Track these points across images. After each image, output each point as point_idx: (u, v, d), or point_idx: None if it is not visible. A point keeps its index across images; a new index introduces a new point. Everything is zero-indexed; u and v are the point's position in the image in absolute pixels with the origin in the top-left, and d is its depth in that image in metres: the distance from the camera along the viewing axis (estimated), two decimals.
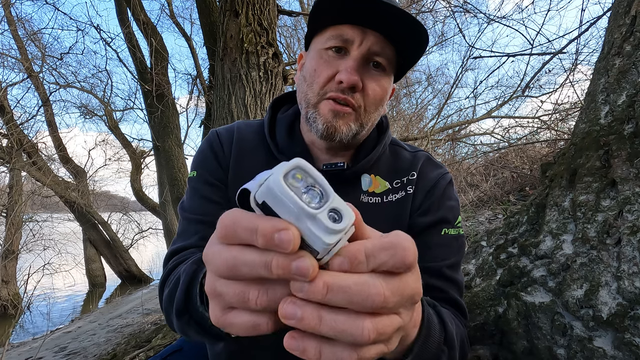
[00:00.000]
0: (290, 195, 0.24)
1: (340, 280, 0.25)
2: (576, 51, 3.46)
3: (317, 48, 0.63)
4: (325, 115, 0.60)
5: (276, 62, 2.68)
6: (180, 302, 0.49)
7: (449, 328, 0.47)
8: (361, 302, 0.25)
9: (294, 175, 0.25)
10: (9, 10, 6.41)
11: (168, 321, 0.56)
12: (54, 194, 7.40)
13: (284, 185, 0.24)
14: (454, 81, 7.74)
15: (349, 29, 0.59)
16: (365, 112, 0.62)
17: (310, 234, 0.24)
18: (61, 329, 4.64)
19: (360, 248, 0.26)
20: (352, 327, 0.25)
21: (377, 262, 0.26)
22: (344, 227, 0.25)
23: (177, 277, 0.53)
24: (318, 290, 0.24)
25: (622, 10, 1.22)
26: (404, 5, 5.71)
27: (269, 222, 0.24)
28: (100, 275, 8.14)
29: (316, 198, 0.25)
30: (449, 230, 0.68)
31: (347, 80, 0.58)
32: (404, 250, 0.26)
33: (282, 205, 0.24)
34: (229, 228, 0.26)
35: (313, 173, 0.26)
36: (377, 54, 0.60)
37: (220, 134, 0.72)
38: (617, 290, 0.78)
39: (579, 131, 1.21)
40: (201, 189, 0.68)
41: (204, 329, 0.47)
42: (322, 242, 0.24)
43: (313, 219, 0.24)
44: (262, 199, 0.25)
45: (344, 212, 0.26)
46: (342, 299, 0.25)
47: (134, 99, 8.14)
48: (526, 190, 3.13)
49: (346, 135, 0.61)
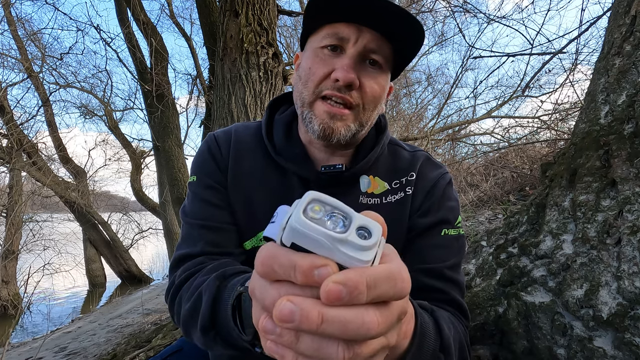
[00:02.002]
0: (316, 229, 0.24)
1: (337, 311, 0.24)
2: (576, 51, 3.46)
3: (312, 47, 0.63)
4: (320, 116, 0.60)
5: (276, 62, 2.68)
6: (206, 319, 0.50)
7: (445, 334, 0.47)
8: (354, 333, 0.24)
9: (312, 209, 0.26)
10: (9, 10, 6.41)
11: (186, 334, 0.57)
12: (54, 194, 7.41)
13: (308, 222, 0.24)
14: (454, 81, 7.75)
15: (344, 27, 0.59)
16: (364, 111, 0.62)
17: (347, 258, 0.24)
18: (61, 329, 4.64)
19: (361, 279, 0.24)
20: (327, 347, 0.25)
21: (377, 293, 0.25)
22: (376, 241, 0.25)
23: (198, 293, 0.54)
24: (312, 320, 0.23)
25: (622, 10, 1.22)
26: (403, 4, 5.72)
27: (307, 259, 0.24)
28: (100, 275, 8.14)
29: (340, 222, 0.26)
30: (449, 231, 0.68)
31: (344, 78, 0.57)
32: (403, 282, 0.26)
33: (312, 241, 0.24)
34: (267, 266, 0.26)
35: (329, 200, 0.26)
36: (374, 52, 0.59)
37: (218, 137, 0.72)
38: (617, 290, 0.78)
39: (579, 131, 1.21)
40: (202, 193, 0.68)
41: (231, 344, 0.49)
42: (361, 262, 0.25)
43: (345, 243, 0.24)
44: (290, 241, 0.25)
45: (370, 226, 0.26)
46: (336, 329, 0.24)
47: (134, 99, 8.15)
48: (526, 190, 3.13)
49: (344, 136, 0.61)
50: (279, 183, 0.69)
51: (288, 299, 0.24)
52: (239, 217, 0.69)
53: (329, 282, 0.23)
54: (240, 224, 0.69)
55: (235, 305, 0.46)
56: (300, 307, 0.23)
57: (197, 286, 0.56)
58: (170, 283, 0.63)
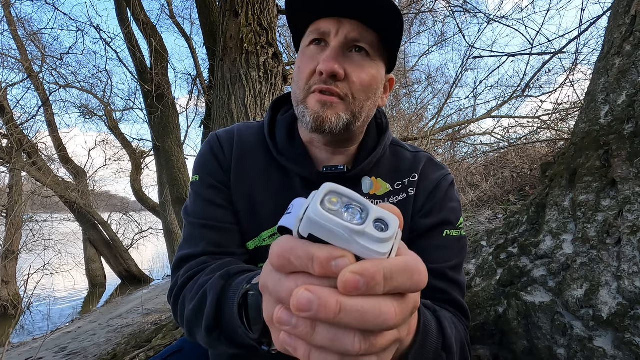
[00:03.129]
0: (334, 220, 0.24)
1: (355, 300, 0.24)
2: (576, 51, 3.46)
3: (301, 48, 0.65)
4: (312, 107, 0.60)
5: (276, 62, 2.68)
6: (210, 319, 0.50)
7: (447, 333, 0.47)
8: (371, 323, 0.24)
9: (330, 200, 0.26)
10: (9, 10, 6.41)
11: (190, 334, 0.57)
12: (54, 194, 7.40)
13: (325, 213, 0.24)
14: (454, 81, 7.73)
15: (324, 21, 0.60)
16: (355, 100, 0.61)
17: (364, 250, 0.25)
18: (61, 329, 4.64)
19: (378, 269, 0.24)
20: (343, 338, 0.25)
21: (394, 285, 0.25)
22: (393, 232, 0.25)
23: (202, 293, 0.54)
24: (330, 309, 0.23)
25: (622, 10, 1.22)
26: (403, 5, 5.72)
27: (324, 250, 0.24)
28: (101, 275, 8.14)
29: (357, 214, 0.26)
30: (451, 232, 0.68)
31: (325, 69, 0.57)
32: (420, 275, 0.26)
33: (330, 233, 0.24)
34: (283, 257, 0.26)
35: (346, 192, 0.26)
36: (356, 40, 0.60)
37: (220, 137, 0.72)
38: (617, 290, 0.78)
39: (579, 131, 1.21)
40: (204, 193, 0.68)
41: (236, 343, 0.49)
42: (378, 254, 0.25)
43: (362, 235, 0.24)
44: (307, 232, 0.25)
45: (387, 218, 0.26)
46: (354, 319, 0.24)
47: (134, 99, 8.12)
48: (526, 190, 3.13)
49: (336, 125, 0.60)
50: (282, 183, 0.69)
51: (306, 288, 0.24)
52: (241, 217, 0.69)
53: (346, 272, 0.23)
54: (243, 223, 0.69)
55: (241, 304, 0.46)
56: (318, 296, 0.23)
57: (200, 286, 0.56)
58: (172, 283, 0.63)
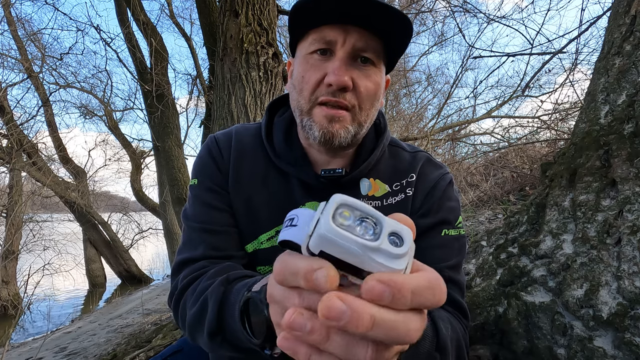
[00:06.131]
0: (348, 237, 0.23)
1: (388, 315, 0.23)
2: (576, 51, 3.46)
3: (302, 54, 0.63)
4: (320, 122, 0.59)
5: (276, 62, 2.68)
6: (213, 324, 0.51)
7: (442, 334, 0.47)
8: (395, 337, 0.24)
9: (342, 214, 0.24)
10: (9, 10, 6.41)
11: (192, 338, 0.58)
12: (54, 194, 7.40)
13: (338, 230, 0.23)
14: (454, 81, 7.73)
15: (330, 29, 0.58)
16: (361, 110, 0.61)
17: (380, 267, 0.23)
18: (61, 329, 4.64)
19: (406, 284, 0.23)
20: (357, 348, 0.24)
21: (420, 300, 0.24)
22: (408, 247, 0.24)
23: (203, 298, 0.55)
24: (363, 323, 0.22)
25: (622, 10, 1.22)
26: (403, 5, 5.72)
27: (305, 262, 0.24)
28: (101, 275, 8.14)
29: (370, 229, 0.24)
30: (449, 231, 0.68)
31: (336, 82, 0.57)
32: (441, 292, 0.26)
33: (343, 250, 0.23)
34: (281, 275, 0.26)
35: (358, 205, 0.25)
36: (363, 50, 0.59)
37: (219, 139, 0.72)
38: (617, 289, 0.78)
39: (579, 131, 1.21)
40: (203, 196, 0.68)
41: (238, 348, 0.50)
42: (394, 271, 0.24)
43: (377, 251, 0.23)
44: (318, 249, 0.24)
45: (402, 232, 0.25)
46: (383, 333, 0.23)
47: (134, 99, 8.12)
48: (526, 190, 3.13)
49: (345, 139, 0.61)
50: (280, 186, 0.69)
51: (338, 297, 0.23)
52: (240, 220, 0.69)
53: (372, 279, 0.23)
54: (241, 226, 0.69)
55: (242, 310, 0.46)
56: (350, 307, 0.23)
57: (201, 291, 0.56)
58: (173, 287, 0.63)
